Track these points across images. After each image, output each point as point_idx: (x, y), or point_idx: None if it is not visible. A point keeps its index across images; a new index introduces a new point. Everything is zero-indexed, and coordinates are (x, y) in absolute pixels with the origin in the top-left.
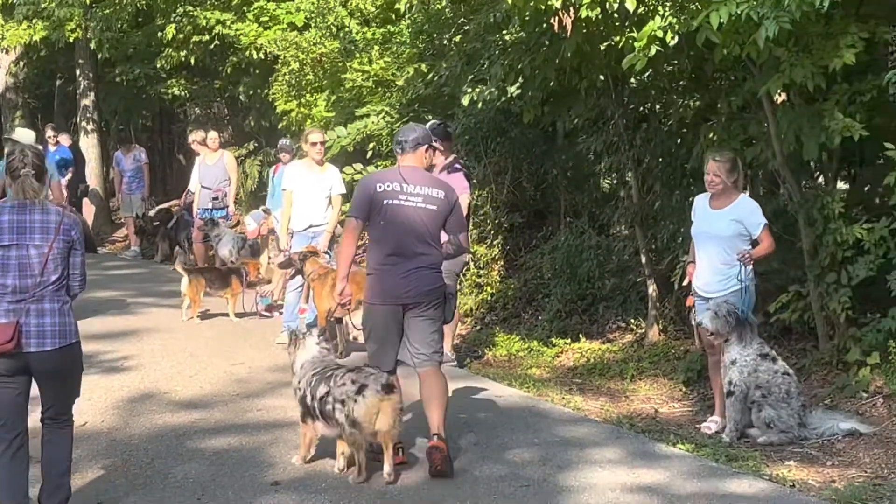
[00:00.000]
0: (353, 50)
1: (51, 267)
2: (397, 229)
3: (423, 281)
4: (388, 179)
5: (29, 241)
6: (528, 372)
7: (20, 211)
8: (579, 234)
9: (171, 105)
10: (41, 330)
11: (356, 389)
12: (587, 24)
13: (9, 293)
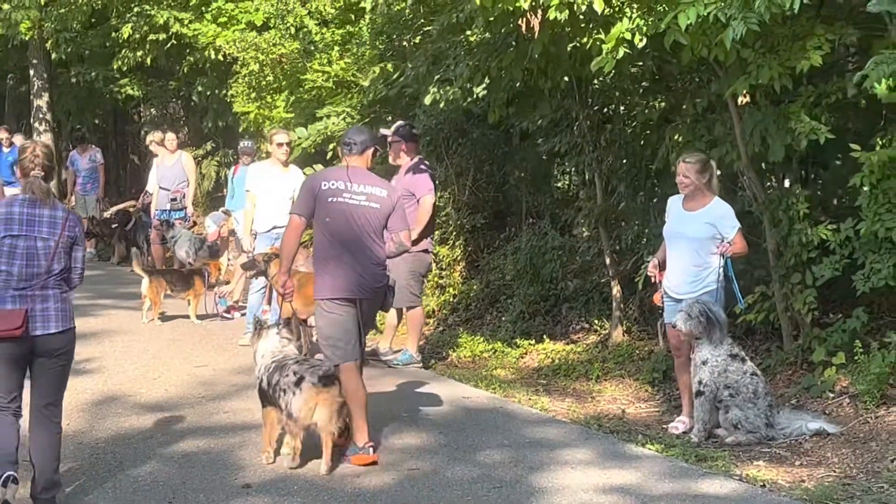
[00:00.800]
0: (312, 51)
1: (56, 259)
2: (343, 227)
3: (372, 278)
4: (333, 178)
5: (37, 233)
6: (493, 373)
7: (31, 205)
8: (542, 236)
9: (124, 105)
10: (45, 314)
11: (295, 381)
12: (554, 26)
13: (14, 280)
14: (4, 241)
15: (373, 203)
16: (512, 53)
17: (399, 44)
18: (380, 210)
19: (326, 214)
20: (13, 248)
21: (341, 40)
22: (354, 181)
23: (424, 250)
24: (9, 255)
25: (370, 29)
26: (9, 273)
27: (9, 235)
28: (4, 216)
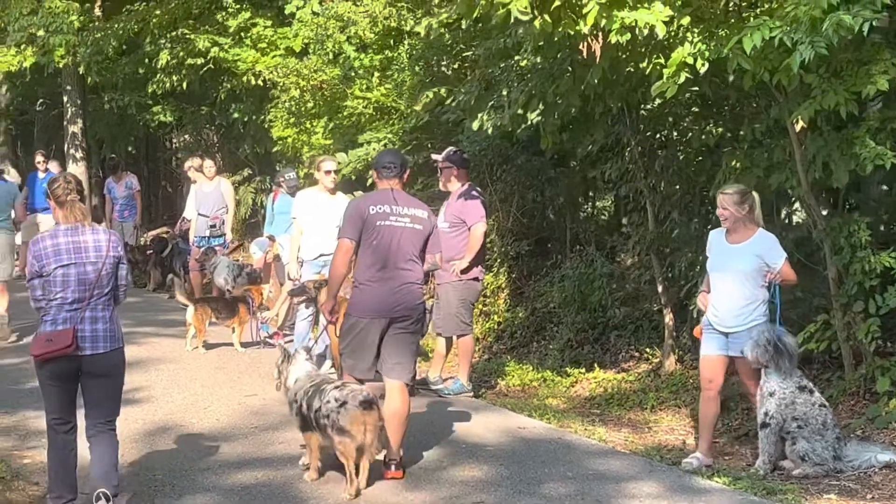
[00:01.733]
0: (353, 76)
1: (104, 280)
2: (388, 248)
3: (410, 296)
4: (379, 202)
5: (85, 259)
6: (545, 402)
7: (73, 233)
8: (589, 263)
9: (156, 132)
10: (94, 335)
11: (337, 406)
12: (615, 50)
13: (68, 304)
14: (57, 271)
15: (416, 225)
16: (569, 79)
17: (438, 69)
18: (422, 231)
19: (373, 237)
20: (66, 277)
21: (380, 66)
22: (399, 204)
23: (475, 278)
24: (63, 284)
25: (409, 54)
26: (63, 298)
27: (59, 266)
28: (52, 248)
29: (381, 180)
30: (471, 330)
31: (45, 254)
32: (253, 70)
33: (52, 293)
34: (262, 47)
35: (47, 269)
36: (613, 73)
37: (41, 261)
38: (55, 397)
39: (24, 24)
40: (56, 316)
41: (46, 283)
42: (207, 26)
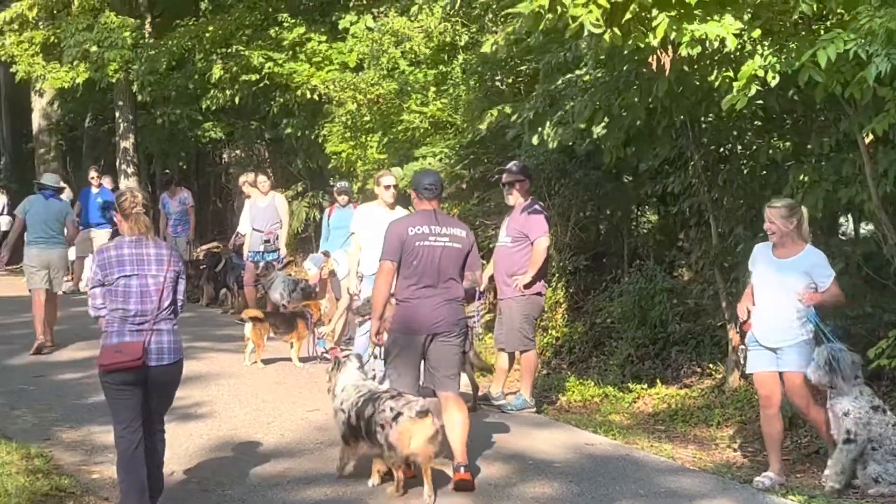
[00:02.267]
0: (409, 91)
1: (165, 294)
2: (428, 267)
3: (451, 312)
4: (418, 223)
5: (147, 271)
6: (607, 418)
7: (137, 245)
8: (650, 278)
9: (205, 147)
10: (160, 347)
11: (393, 416)
12: (684, 63)
13: (130, 316)
14: (119, 281)
15: (455, 243)
16: (635, 92)
17: (492, 84)
18: (461, 250)
19: (414, 258)
20: (127, 287)
21: (434, 80)
22: (439, 224)
23: (538, 293)
24: (124, 294)
25: (463, 69)
26: (125, 310)
27: (122, 276)
28: (116, 258)
29: (421, 201)
30: (534, 345)
31: (109, 263)
32: (308, 84)
33: (114, 303)
34: (317, 62)
35: (110, 278)
36: (679, 86)
37: (105, 269)
38: (123, 407)
39: (79, 39)
40: (122, 328)
41: (108, 292)
42: (260, 41)
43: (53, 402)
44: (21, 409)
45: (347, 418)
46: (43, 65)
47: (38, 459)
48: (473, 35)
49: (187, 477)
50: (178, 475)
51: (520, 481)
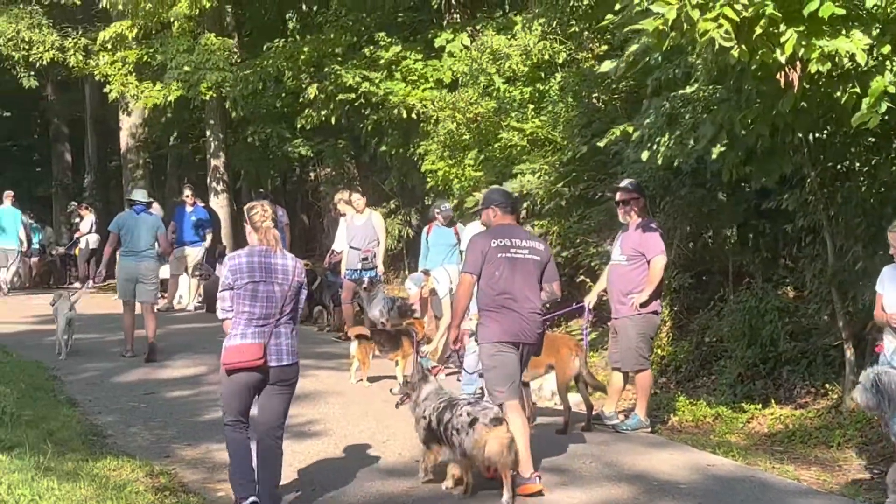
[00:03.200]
0: (507, 109)
1: (288, 301)
2: (510, 279)
3: (532, 324)
4: (499, 236)
5: (273, 279)
6: (723, 438)
7: (266, 255)
8: (761, 297)
9: (293, 165)
10: (279, 348)
11: (469, 422)
12: (812, 80)
13: (255, 319)
14: (248, 286)
15: (534, 256)
16: (758, 109)
17: (588, 101)
18: (540, 262)
19: (496, 269)
20: (255, 292)
21: (530, 98)
22: (518, 237)
23: (654, 311)
24: (252, 298)
25: (560, 86)
26: (251, 313)
27: (251, 281)
28: (247, 265)
29: (501, 216)
30: (649, 364)
31: (240, 268)
32: (404, 103)
33: (241, 306)
34: (413, 80)
35: (239, 282)
36: (805, 103)
37: (235, 274)
38: (237, 403)
39: (181, 60)
40: (245, 330)
41: (236, 295)
42: (354, 60)
43: (167, 420)
44: (136, 427)
45: (428, 423)
46: (136, 84)
47: (163, 477)
48: (570, 52)
49: (312, 495)
50: (304, 493)
51: (648, 502)
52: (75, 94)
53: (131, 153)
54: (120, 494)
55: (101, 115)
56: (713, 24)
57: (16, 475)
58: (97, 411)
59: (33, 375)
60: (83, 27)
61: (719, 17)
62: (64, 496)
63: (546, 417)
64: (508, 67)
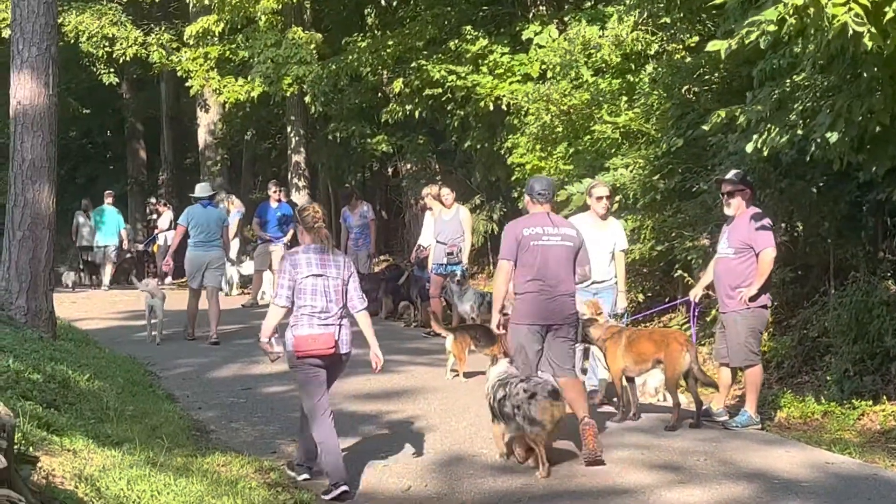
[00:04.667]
0: (600, 101)
1: (341, 293)
2: (543, 263)
3: (565, 306)
4: (532, 224)
5: (328, 273)
6: (836, 435)
7: (321, 251)
8: (868, 291)
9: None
10: (341, 339)
11: (528, 396)
12: None
13: (318, 312)
14: (307, 280)
15: (566, 242)
16: (881, 96)
17: (678, 92)
18: (572, 248)
19: (529, 256)
20: (314, 287)
21: (619, 90)
22: (552, 224)
23: (763, 306)
24: (312, 292)
25: (652, 78)
26: (312, 306)
27: (310, 275)
28: (304, 260)
29: (534, 205)
30: (759, 360)
31: (299, 263)
32: (491, 96)
33: (301, 299)
34: (499, 73)
35: (300, 276)
36: None
37: (296, 267)
38: (315, 388)
39: (268, 55)
40: (311, 322)
41: (296, 288)
42: (440, 55)
43: (268, 415)
44: (238, 423)
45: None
46: (218, 79)
47: (273, 473)
48: (662, 43)
49: (425, 491)
50: (416, 489)
51: (772, 500)
52: (150, 92)
53: (209, 150)
54: (234, 490)
55: (177, 112)
56: (843, 8)
57: (134, 470)
58: (197, 406)
59: (129, 371)
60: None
61: (849, 1)
62: (181, 491)
63: (649, 414)
64: (600, 58)
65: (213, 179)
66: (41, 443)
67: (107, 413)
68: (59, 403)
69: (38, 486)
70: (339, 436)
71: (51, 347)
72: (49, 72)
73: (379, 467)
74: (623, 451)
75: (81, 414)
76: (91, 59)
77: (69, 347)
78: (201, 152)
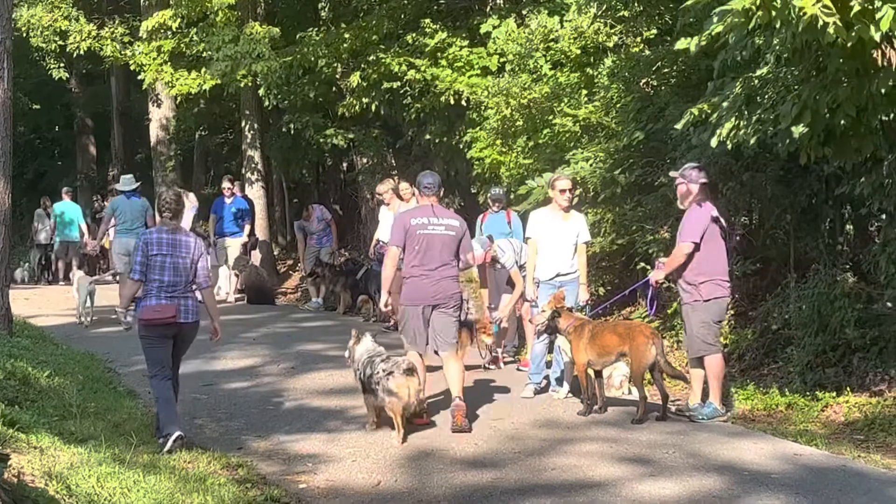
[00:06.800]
0: (560, 94)
1: (190, 271)
2: (427, 249)
3: (447, 287)
4: (419, 215)
5: (177, 253)
6: (801, 427)
7: (171, 233)
8: (831, 283)
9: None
10: (186, 309)
11: (386, 374)
12: None
13: (165, 286)
14: (156, 257)
15: (449, 231)
16: (846, 89)
17: (635, 85)
18: (455, 236)
19: (416, 243)
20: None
21: (579, 83)
22: (436, 216)
23: (714, 298)
24: (160, 267)
25: (612, 71)
26: (161, 280)
27: (160, 255)
28: (156, 241)
29: (422, 197)
30: (716, 350)
31: (151, 242)
32: (451, 90)
33: (152, 274)
34: (459, 66)
35: (151, 254)
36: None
37: (148, 246)
38: (157, 354)
39: (227, 51)
40: (158, 294)
41: (149, 266)
42: (398, 48)
43: (232, 411)
44: (202, 419)
45: (360, 376)
46: (171, 72)
47: (242, 469)
48: (621, 36)
49: (395, 486)
50: (386, 484)
51: (743, 493)
52: (100, 87)
53: (161, 145)
54: (203, 486)
55: (127, 107)
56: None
57: (102, 468)
58: None
59: (88, 367)
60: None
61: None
62: (151, 489)
63: (616, 407)
64: (559, 50)
65: (166, 174)
66: (8, 440)
67: (69, 410)
68: (21, 400)
69: (10, 485)
70: (305, 431)
71: (8, 344)
72: (4, 66)
73: (347, 463)
74: (591, 445)
75: (44, 411)
76: (41, 53)
77: (27, 344)
78: (153, 147)
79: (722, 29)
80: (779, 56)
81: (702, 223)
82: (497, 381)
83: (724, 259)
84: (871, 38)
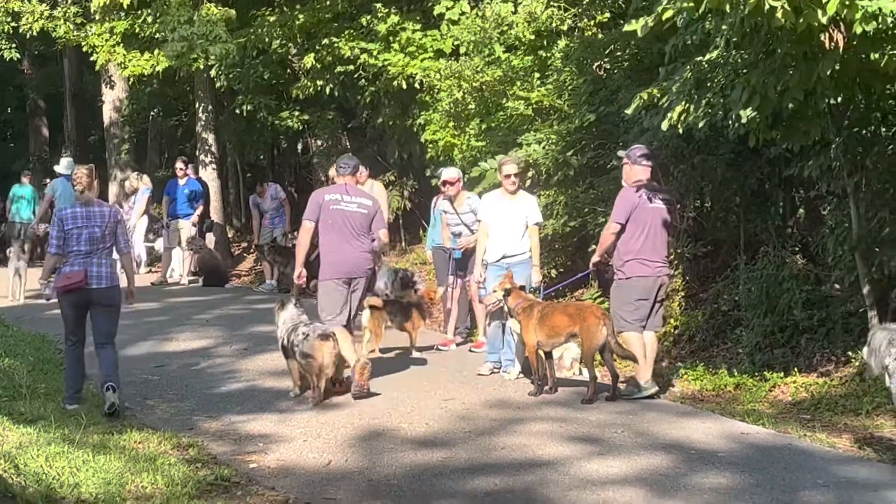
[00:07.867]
0: (513, 77)
1: (106, 239)
2: (341, 226)
3: (360, 261)
4: (333, 192)
5: (92, 223)
6: (748, 407)
7: (85, 206)
8: (779, 265)
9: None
10: (97, 275)
11: (304, 337)
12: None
13: (82, 255)
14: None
15: (361, 209)
16: (794, 72)
17: (588, 69)
18: (367, 214)
19: (329, 218)
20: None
21: (532, 66)
22: (349, 194)
23: (626, 277)
24: (77, 238)
25: (565, 54)
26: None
27: (75, 227)
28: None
29: (339, 177)
30: (631, 327)
31: (66, 217)
32: (404, 74)
33: (69, 246)
34: (411, 51)
35: (67, 227)
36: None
37: (64, 221)
38: (69, 321)
39: (182, 33)
40: (73, 262)
41: (66, 237)
42: (351, 30)
43: (183, 392)
44: (153, 400)
45: (283, 342)
46: (123, 53)
47: (192, 449)
48: (574, 19)
49: (346, 466)
50: (337, 463)
51: (690, 471)
52: (53, 69)
53: (115, 126)
54: (153, 466)
55: (80, 89)
56: None
57: (51, 447)
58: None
59: (39, 349)
60: None
61: None
62: (100, 468)
63: (566, 388)
64: (513, 35)
65: (120, 157)
66: None
67: (19, 391)
68: None
69: None
70: (256, 412)
71: None
72: None
73: (298, 443)
74: (541, 424)
75: None
76: None
77: None
78: (106, 129)
79: (672, 13)
80: (728, 40)
81: (627, 204)
82: (449, 362)
83: (657, 239)
84: (819, 22)
